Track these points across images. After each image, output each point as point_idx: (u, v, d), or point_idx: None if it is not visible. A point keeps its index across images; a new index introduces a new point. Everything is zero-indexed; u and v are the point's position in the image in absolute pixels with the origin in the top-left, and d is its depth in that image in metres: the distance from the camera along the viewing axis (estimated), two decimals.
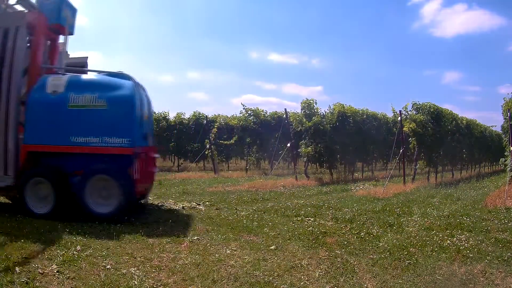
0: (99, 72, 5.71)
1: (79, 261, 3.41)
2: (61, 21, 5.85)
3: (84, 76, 5.59)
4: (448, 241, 4.49)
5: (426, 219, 5.71)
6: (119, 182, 4.92)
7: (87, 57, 7.85)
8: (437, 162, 12.26)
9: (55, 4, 5.75)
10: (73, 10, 6.34)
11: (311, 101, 12.43)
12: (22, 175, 5.03)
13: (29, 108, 5.12)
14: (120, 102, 5.01)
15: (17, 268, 3.09)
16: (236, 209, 6.49)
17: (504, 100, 10.58)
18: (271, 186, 10.14)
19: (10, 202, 5.82)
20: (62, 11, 5.86)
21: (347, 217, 5.81)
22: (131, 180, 4.97)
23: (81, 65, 7.84)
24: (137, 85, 5.28)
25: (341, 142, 12.31)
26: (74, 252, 3.62)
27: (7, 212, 5.17)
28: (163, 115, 17.75)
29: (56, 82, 5.16)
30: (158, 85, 76.13)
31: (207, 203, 7.09)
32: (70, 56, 7.41)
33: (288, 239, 4.53)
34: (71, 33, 6.40)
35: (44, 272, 3.10)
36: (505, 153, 10.67)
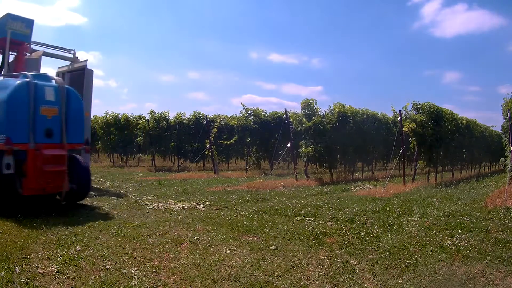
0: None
1: (79, 261, 3.41)
2: (5, 35, 6.79)
3: None
4: (448, 241, 4.49)
5: (426, 219, 5.71)
6: None
7: (87, 59, 8.67)
8: (437, 162, 12.25)
9: (1, 21, 6.68)
10: (27, 22, 7.15)
11: (311, 101, 12.41)
12: None
13: None
14: (0, 102, 5.35)
15: (17, 268, 3.10)
16: (236, 209, 6.49)
17: (504, 100, 10.58)
18: (271, 186, 10.13)
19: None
20: (6, 25, 6.75)
21: (347, 217, 5.81)
22: (3, 174, 5.18)
23: (81, 68, 8.61)
24: (30, 85, 5.47)
25: (341, 142, 12.30)
26: (74, 252, 3.62)
27: (7, 212, 5.17)
28: (163, 115, 17.76)
29: None
30: (158, 85, 76.10)
31: (207, 203, 7.09)
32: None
33: (288, 239, 4.53)
34: (27, 42, 7.31)
35: (44, 272, 3.11)
36: (505, 153, 10.66)
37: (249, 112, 15.49)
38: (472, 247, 4.25)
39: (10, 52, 7.55)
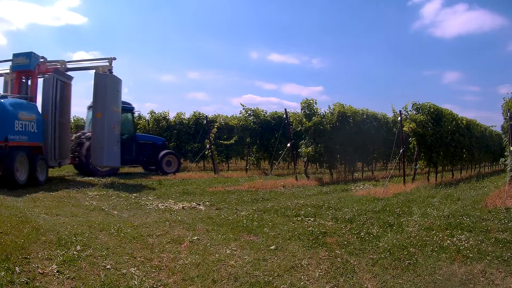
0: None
1: (79, 261, 3.41)
2: (14, 68, 9.88)
3: None
4: (448, 241, 4.49)
5: (426, 219, 5.71)
6: None
7: (97, 69, 10.38)
8: (437, 162, 12.24)
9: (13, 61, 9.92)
10: (27, 54, 9.74)
11: (311, 101, 12.41)
12: None
13: None
14: None
15: (17, 268, 3.09)
16: (236, 209, 6.49)
17: (504, 100, 10.56)
18: (271, 186, 10.13)
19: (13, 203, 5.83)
20: (12, 62, 9.88)
21: (347, 217, 5.81)
22: None
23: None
24: None
25: (341, 142, 12.30)
26: (74, 252, 3.62)
27: (7, 211, 5.18)
28: (163, 115, 17.75)
29: None
30: (158, 85, 76.02)
31: (207, 203, 7.09)
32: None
33: (288, 239, 4.53)
34: (31, 69, 9.78)
35: (44, 272, 3.10)
36: (505, 153, 10.66)
37: (249, 112, 15.48)
38: (472, 247, 4.25)
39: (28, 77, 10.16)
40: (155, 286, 3.05)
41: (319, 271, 3.53)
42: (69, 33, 68.21)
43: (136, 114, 15.47)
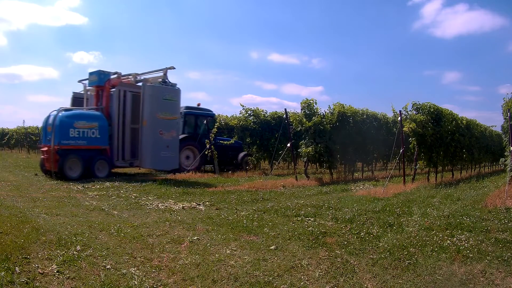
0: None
1: (79, 261, 3.41)
2: (90, 84, 11.86)
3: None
4: (448, 241, 4.49)
5: (426, 219, 5.71)
6: None
7: (143, 81, 11.86)
8: (437, 162, 12.23)
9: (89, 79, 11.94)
10: (96, 73, 11.37)
11: (311, 101, 12.40)
12: None
13: None
14: None
15: (17, 268, 3.09)
16: (236, 209, 6.49)
17: (504, 100, 10.55)
18: (271, 186, 10.13)
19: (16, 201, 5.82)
20: (88, 79, 11.84)
21: (347, 217, 5.81)
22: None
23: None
24: (47, 117, 10.54)
25: (341, 142, 12.29)
26: (74, 252, 3.62)
27: (7, 211, 5.18)
28: None
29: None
30: None
31: (207, 203, 7.09)
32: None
33: (288, 239, 4.53)
34: (101, 84, 11.34)
35: (44, 272, 3.11)
36: (505, 153, 10.65)
37: (249, 112, 15.47)
38: (472, 247, 4.25)
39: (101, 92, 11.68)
40: (155, 286, 3.05)
41: (319, 271, 3.53)
42: (69, 33, 68.35)
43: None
